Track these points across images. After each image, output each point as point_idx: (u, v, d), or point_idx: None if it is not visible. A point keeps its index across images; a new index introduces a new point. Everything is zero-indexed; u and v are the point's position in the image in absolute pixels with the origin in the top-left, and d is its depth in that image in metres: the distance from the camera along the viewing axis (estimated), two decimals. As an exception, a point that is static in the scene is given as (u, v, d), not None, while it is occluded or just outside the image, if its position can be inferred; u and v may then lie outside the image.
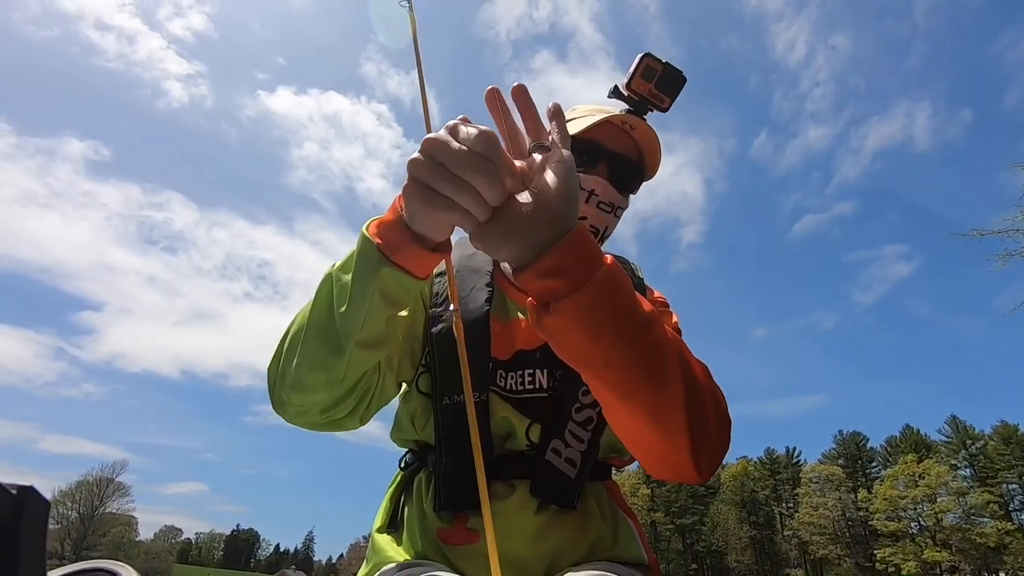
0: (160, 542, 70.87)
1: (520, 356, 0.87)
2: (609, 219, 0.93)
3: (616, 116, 0.91)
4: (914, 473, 39.14)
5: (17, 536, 0.30)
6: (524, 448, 0.83)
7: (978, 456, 41.85)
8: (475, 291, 0.90)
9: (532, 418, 0.84)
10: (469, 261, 0.96)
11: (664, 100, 0.89)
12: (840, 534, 43.57)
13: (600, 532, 0.83)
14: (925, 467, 38.81)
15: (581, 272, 0.54)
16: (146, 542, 65.35)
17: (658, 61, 0.87)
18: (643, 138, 0.94)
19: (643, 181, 1.00)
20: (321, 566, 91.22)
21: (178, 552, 78.62)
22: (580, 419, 0.83)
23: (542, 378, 0.86)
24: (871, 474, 46.83)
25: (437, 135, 0.51)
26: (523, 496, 0.80)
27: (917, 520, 39.55)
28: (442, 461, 0.81)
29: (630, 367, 0.58)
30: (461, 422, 0.78)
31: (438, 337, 0.85)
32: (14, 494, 0.31)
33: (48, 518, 0.33)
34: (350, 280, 0.64)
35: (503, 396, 0.85)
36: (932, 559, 36.37)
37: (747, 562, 47.05)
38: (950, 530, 37.00)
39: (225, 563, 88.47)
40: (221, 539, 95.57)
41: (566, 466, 0.80)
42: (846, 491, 44.73)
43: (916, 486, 38.59)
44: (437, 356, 0.84)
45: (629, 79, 0.88)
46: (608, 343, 0.56)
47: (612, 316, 0.55)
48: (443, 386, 0.83)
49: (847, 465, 47.51)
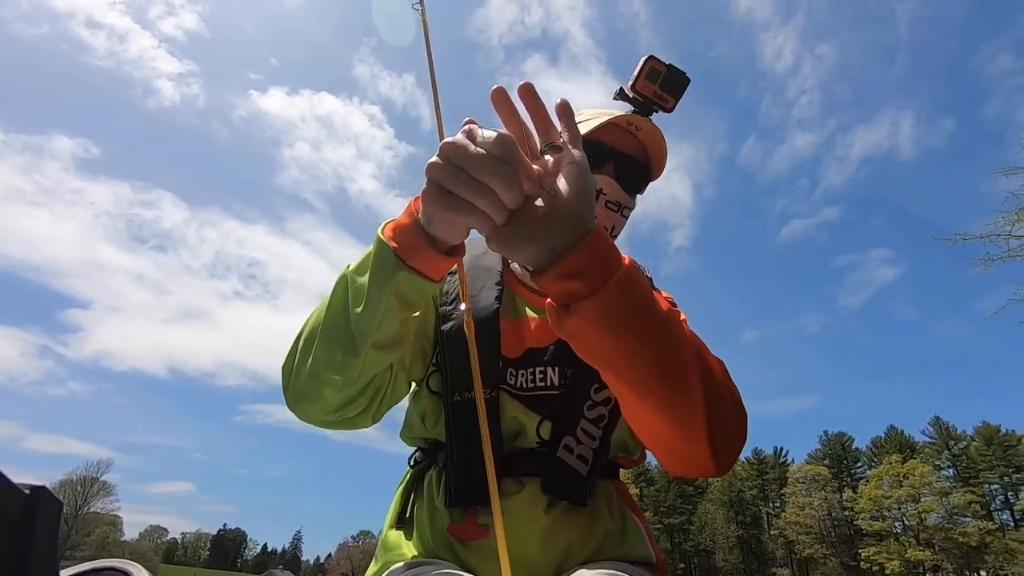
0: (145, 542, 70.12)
1: (530, 354, 0.88)
2: (617, 218, 0.94)
3: (621, 117, 0.92)
4: (898, 473, 39.61)
5: (30, 536, 0.30)
6: (534, 445, 0.83)
7: (961, 457, 42.47)
8: (485, 290, 0.91)
9: (543, 415, 0.84)
10: (479, 260, 0.97)
11: (668, 100, 0.91)
12: (826, 533, 44.03)
13: (608, 530, 0.83)
14: (909, 467, 39.31)
15: (600, 273, 0.54)
16: (131, 542, 64.66)
17: (661, 63, 0.89)
18: (648, 138, 0.95)
19: (649, 181, 1.00)
20: (309, 566, 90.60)
21: (164, 552, 77.83)
22: (592, 416, 0.83)
23: (553, 376, 0.86)
24: (856, 474, 47.36)
25: (455, 139, 0.50)
26: (533, 493, 0.80)
27: (901, 520, 40.05)
28: (452, 458, 0.81)
29: (649, 365, 0.58)
30: (471, 419, 0.78)
31: (448, 335, 0.86)
32: (27, 494, 0.31)
33: (60, 518, 0.33)
34: (366, 282, 0.64)
35: (513, 394, 0.85)
36: (915, 558, 36.86)
37: (734, 561, 47.42)
38: (933, 529, 37.52)
39: (211, 563, 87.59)
40: (208, 539, 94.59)
41: (578, 463, 0.80)
42: (832, 491, 45.20)
43: (900, 486, 39.08)
44: (447, 354, 0.85)
45: (634, 81, 0.90)
46: (628, 343, 0.56)
47: (631, 316, 0.56)
48: (453, 383, 0.84)
49: (833, 465, 48.01)
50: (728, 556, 47.26)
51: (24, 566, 0.30)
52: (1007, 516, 40.76)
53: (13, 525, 0.30)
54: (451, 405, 0.84)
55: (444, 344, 0.86)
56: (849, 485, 45.71)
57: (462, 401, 0.82)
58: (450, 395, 0.84)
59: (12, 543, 0.30)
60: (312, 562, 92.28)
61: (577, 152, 0.56)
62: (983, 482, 40.66)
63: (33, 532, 0.31)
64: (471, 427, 0.79)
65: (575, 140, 0.57)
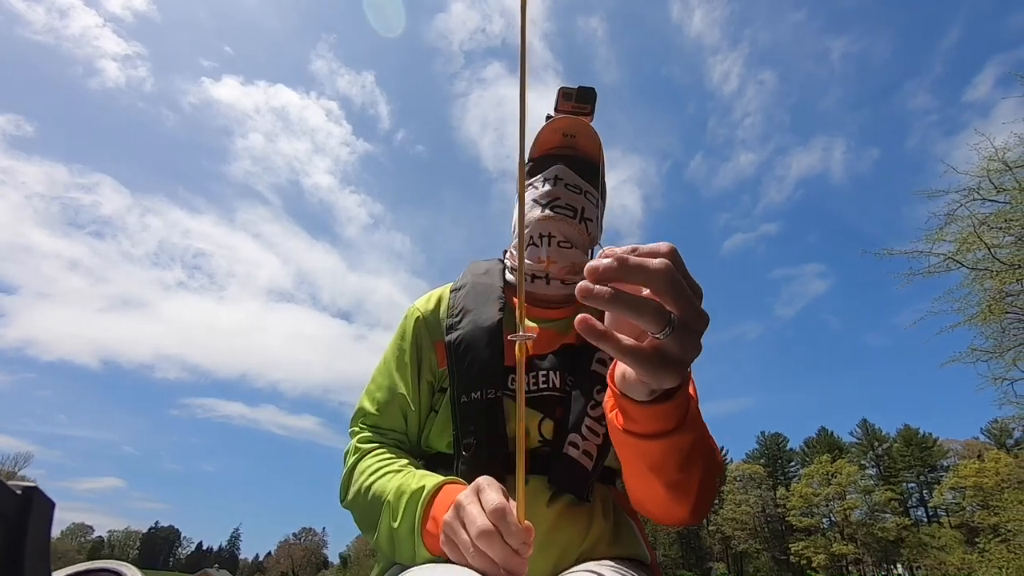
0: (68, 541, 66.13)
1: (531, 362, 0.93)
2: (580, 199, 1.02)
3: (555, 128, 1.06)
4: (827, 472, 41.97)
5: (23, 537, 0.30)
6: (537, 444, 0.87)
7: (884, 457, 45.47)
8: (487, 305, 0.97)
9: (545, 414, 0.88)
10: (480, 279, 1.04)
11: (586, 107, 1.06)
12: (759, 529, 46.19)
13: (604, 529, 0.86)
14: (837, 467, 41.73)
15: (682, 412, 0.60)
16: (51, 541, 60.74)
17: (571, 87, 1.06)
18: (582, 135, 1.07)
19: (599, 171, 1.09)
20: (247, 564, 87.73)
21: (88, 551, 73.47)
22: (595, 415, 0.86)
23: (555, 379, 0.90)
24: (789, 473, 49.90)
25: (450, 518, 0.65)
26: (536, 490, 0.83)
27: (828, 516, 42.49)
28: (462, 456, 0.84)
29: (679, 465, 0.66)
30: (478, 418, 0.85)
31: (455, 344, 0.92)
32: (19, 494, 0.31)
33: (53, 518, 0.33)
34: (398, 537, 0.76)
35: (512, 396, 0.88)
36: (840, 552, 39.16)
37: (674, 556, 49.10)
38: (856, 525, 40.00)
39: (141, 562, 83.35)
40: (137, 537, 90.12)
41: (583, 458, 0.84)
42: (766, 489, 47.47)
43: (828, 484, 41.43)
44: (455, 361, 0.90)
45: (556, 106, 1.07)
46: (674, 455, 0.64)
47: (692, 441, 0.63)
48: (460, 387, 0.88)
49: (768, 464, 50.40)
50: (668, 551, 48.91)
51: (17, 567, 0.29)
52: (921, 512, 43.93)
53: (6, 526, 0.29)
54: (459, 407, 0.87)
55: (452, 354, 0.92)
56: (782, 483, 48.13)
57: (469, 402, 0.86)
58: (457, 398, 0.88)
59: (5, 544, 0.29)
60: (251, 560, 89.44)
61: (680, 310, 0.48)
62: (902, 480, 43.67)
63: (26, 533, 0.30)
64: (478, 425, 0.84)
65: (675, 296, 0.48)
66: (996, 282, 8.90)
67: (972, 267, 9.27)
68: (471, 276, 1.06)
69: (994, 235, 8.99)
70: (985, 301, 9.16)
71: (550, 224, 1.00)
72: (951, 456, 43.10)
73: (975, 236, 9.00)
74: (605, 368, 0.89)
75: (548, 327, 0.97)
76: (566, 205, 1.01)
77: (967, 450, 41.73)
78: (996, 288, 8.95)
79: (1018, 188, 8.81)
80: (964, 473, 34.57)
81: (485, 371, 0.88)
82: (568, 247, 1.01)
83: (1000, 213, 8.99)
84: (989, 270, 9.03)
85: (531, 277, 1.02)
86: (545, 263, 1.00)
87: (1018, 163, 8.86)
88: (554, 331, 0.96)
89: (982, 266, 9.16)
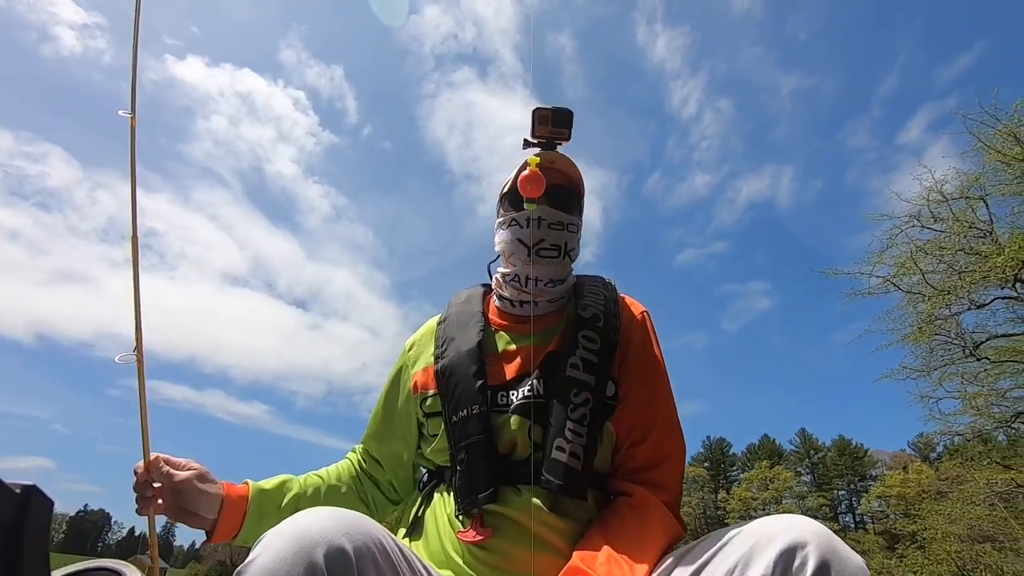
0: (-14, 522, 62.01)
1: (513, 380, 1.01)
2: (563, 235, 1.08)
3: (536, 159, 1.06)
4: (766, 478, 43.63)
5: (21, 535, 0.29)
6: (528, 452, 0.93)
7: (819, 465, 47.56)
8: (468, 329, 1.09)
9: (531, 420, 0.95)
10: (463, 307, 1.16)
11: (563, 131, 1.08)
12: (700, 531, 47.68)
13: None
14: (775, 472, 43.42)
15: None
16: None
17: (546, 108, 1.06)
18: (563, 166, 1.11)
19: (580, 198, 1.14)
20: (182, 551, 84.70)
21: (8, 534, 69.15)
22: (576, 417, 0.92)
23: (539, 387, 0.97)
24: (731, 477, 51.61)
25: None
26: (529, 498, 0.89)
27: (764, 519, 44.09)
28: (456, 470, 0.94)
29: None
30: (469, 435, 0.95)
31: (443, 370, 1.04)
32: (18, 493, 0.30)
33: (52, 517, 0.31)
34: None
35: (501, 411, 0.97)
36: (772, 554, 40.71)
37: (616, 554, 49.90)
38: (789, 529, 41.63)
39: (67, 547, 79.27)
40: (64, 520, 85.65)
41: (572, 460, 0.89)
42: (709, 491, 49.06)
43: (767, 489, 43.08)
44: (446, 385, 1.02)
45: (532, 130, 1.07)
46: None
47: None
48: (450, 408, 0.99)
49: (712, 468, 52.04)
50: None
51: (16, 565, 0.29)
52: (849, 519, 46.27)
53: (5, 524, 0.29)
54: (451, 426, 0.98)
55: (440, 379, 1.04)
56: (724, 487, 49.78)
57: (459, 420, 0.97)
58: (449, 418, 0.99)
59: (4, 542, 0.29)
60: (187, 548, 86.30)
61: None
62: (834, 488, 45.87)
63: (25, 531, 0.29)
64: (471, 440, 0.94)
65: None
66: (928, 306, 9.49)
67: (907, 290, 9.88)
68: (454, 307, 1.18)
69: (928, 261, 9.59)
70: (917, 323, 9.76)
71: (538, 269, 1.07)
72: (880, 466, 45.48)
73: (911, 261, 9.59)
74: (578, 371, 0.96)
75: (535, 342, 1.04)
76: (551, 246, 1.07)
77: (894, 461, 44.13)
78: (928, 311, 9.54)
79: (953, 218, 9.44)
80: (890, 483, 36.66)
81: (470, 391, 0.98)
82: (553, 285, 1.09)
83: (935, 241, 9.60)
84: (922, 294, 9.63)
85: (519, 304, 1.11)
86: (531, 295, 1.09)
87: (954, 195, 9.49)
88: (539, 345, 1.04)
89: (916, 290, 9.77)
